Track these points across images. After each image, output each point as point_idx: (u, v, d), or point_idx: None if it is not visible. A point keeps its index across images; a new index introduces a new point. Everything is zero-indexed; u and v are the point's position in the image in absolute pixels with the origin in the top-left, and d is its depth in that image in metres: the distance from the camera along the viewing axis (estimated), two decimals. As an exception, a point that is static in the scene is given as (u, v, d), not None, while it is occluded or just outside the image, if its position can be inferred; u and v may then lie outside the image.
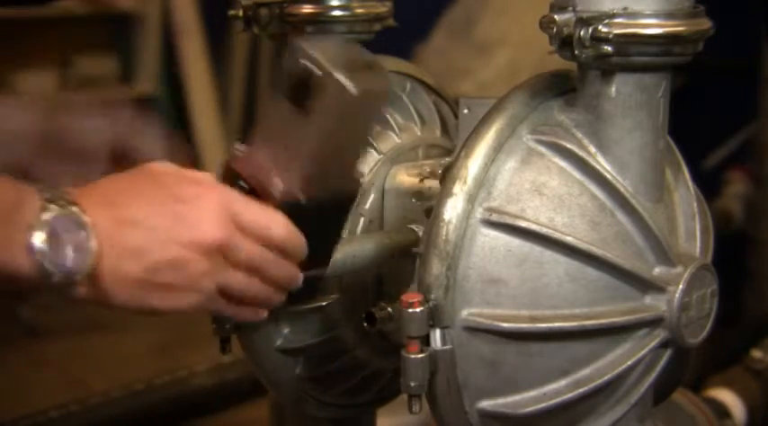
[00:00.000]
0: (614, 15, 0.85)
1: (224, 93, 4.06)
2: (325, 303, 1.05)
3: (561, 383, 0.90)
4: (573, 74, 0.94)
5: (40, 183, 0.79)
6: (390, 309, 1.02)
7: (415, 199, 1.05)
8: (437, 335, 0.88)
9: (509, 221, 0.88)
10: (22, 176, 0.82)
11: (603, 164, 0.90)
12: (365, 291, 1.07)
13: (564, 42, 0.87)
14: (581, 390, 0.89)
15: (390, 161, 1.08)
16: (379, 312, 1.02)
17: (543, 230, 0.88)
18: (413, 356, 0.87)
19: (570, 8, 0.87)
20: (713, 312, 0.94)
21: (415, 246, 0.97)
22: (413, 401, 0.89)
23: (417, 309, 0.87)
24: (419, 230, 1.03)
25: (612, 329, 0.89)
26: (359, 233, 1.05)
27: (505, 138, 0.91)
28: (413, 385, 0.88)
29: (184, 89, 3.86)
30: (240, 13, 1.16)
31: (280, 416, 1.23)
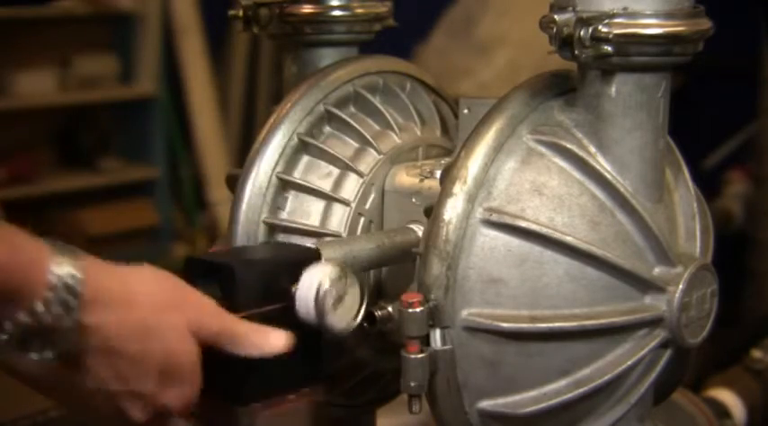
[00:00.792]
0: (614, 15, 0.86)
1: (224, 93, 4.06)
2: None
3: (561, 383, 0.90)
4: (573, 74, 0.94)
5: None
6: (390, 309, 1.01)
7: (415, 199, 1.05)
8: (437, 335, 0.88)
9: (509, 221, 0.88)
10: None
11: (603, 164, 0.90)
12: (365, 291, 1.07)
13: (564, 42, 0.87)
14: (581, 390, 0.89)
15: (390, 161, 1.08)
16: (378, 312, 1.02)
17: (543, 230, 0.88)
18: (413, 356, 0.87)
19: (570, 8, 0.87)
20: (713, 312, 0.94)
21: (415, 246, 0.97)
22: (413, 401, 0.89)
23: (417, 309, 0.87)
24: (419, 230, 1.03)
25: (612, 329, 0.89)
26: (359, 233, 1.05)
27: (505, 138, 0.91)
28: (413, 385, 0.88)
29: (184, 89, 3.86)
30: (240, 13, 1.16)
31: (280, 416, 1.23)
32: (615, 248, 0.89)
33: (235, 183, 1.06)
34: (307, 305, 0.90)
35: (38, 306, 0.79)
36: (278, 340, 0.89)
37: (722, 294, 0.95)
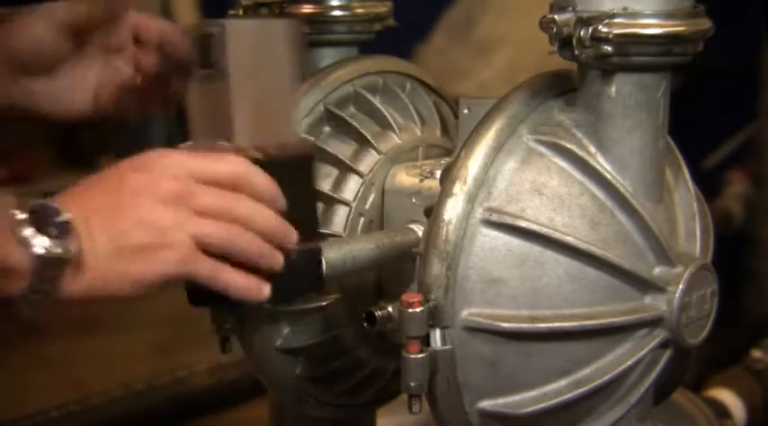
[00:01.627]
0: (614, 15, 0.85)
1: (224, 93, 4.06)
2: (325, 303, 1.05)
3: (561, 383, 0.90)
4: (573, 74, 0.94)
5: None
6: (390, 309, 1.02)
7: (415, 199, 1.05)
8: (437, 335, 0.88)
9: (509, 221, 0.88)
10: None
11: (603, 164, 0.90)
12: (365, 291, 1.07)
13: (564, 42, 0.87)
14: (581, 390, 0.89)
15: (390, 161, 1.08)
16: (378, 312, 1.02)
17: (543, 230, 0.88)
18: (413, 356, 0.87)
19: (570, 8, 0.87)
20: (713, 312, 0.94)
21: (415, 246, 0.97)
22: (413, 401, 0.89)
23: (417, 309, 0.87)
24: (419, 230, 1.03)
25: (612, 329, 0.89)
26: (359, 233, 1.06)
27: (505, 138, 0.91)
28: (413, 385, 0.88)
29: (184, 89, 3.85)
30: (240, 13, 1.16)
31: (280, 416, 1.23)
32: (615, 248, 0.89)
33: (235, 183, 1.06)
34: None
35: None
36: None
37: (722, 294, 0.95)
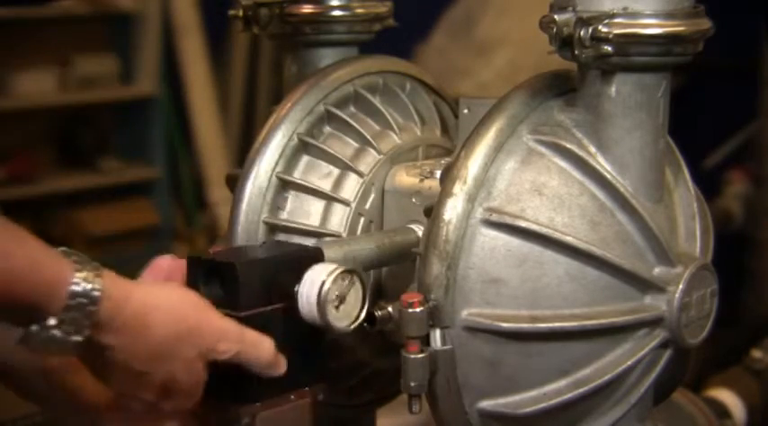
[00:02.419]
0: (614, 15, 0.85)
1: (224, 93, 4.06)
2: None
3: (561, 383, 0.90)
4: (573, 74, 0.94)
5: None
6: (390, 309, 1.01)
7: (415, 199, 1.05)
8: (437, 335, 0.88)
9: (509, 221, 0.88)
10: None
11: (603, 164, 0.90)
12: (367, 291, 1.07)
13: (564, 42, 0.87)
14: (581, 390, 0.89)
15: (390, 161, 1.08)
16: (378, 312, 1.02)
17: (543, 230, 0.88)
18: (413, 356, 0.87)
19: (570, 8, 0.87)
20: (713, 312, 0.94)
21: (415, 246, 0.97)
22: (413, 401, 0.89)
23: (417, 309, 0.87)
24: (419, 230, 1.03)
25: (612, 329, 0.89)
26: (359, 233, 1.05)
27: (505, 138, 0.91)
28: (413, 385, 0.88)
29: (184, 89, 3.86)
30: (240, 13, 1.16)
31: (280, 416, 1.23)
32: (615, 248, 0.89)
33: (235, 183, 1.06)
34: (309, 304, 0.90)
35: (50, 321, 0.79)
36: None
37: (722, 294, 0.95)
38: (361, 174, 1.06)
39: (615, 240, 0.89)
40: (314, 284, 0.90)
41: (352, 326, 0.93)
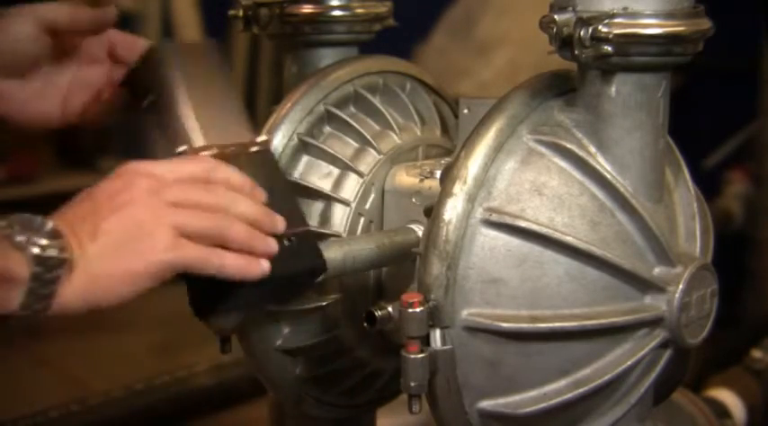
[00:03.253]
0: (614, 15, 0.85)
1: (224, 93, 4.05)
2: (325, 303, 1.05)
3: (561, 383, 0.90)
4: (573, 74, 0.94)
5: None
6: (390, 309, 1.01)
7: (415, 199, 1.05)
8: (437, 335, 0.88)
9: (509, 221, 0.88)
10: None
11: (603, 164, 0.90)
12: (365, 291, 1.07)
13: (564, 42, 0.87)
14: (581, 390, 0.89)
15: (390, 161, 1.08)
16: (378, 312, 1.02)
17: (543, 230, 0.88)
18: (413, 356, 0.87)
19: (570, 8, 0.87)
20: (713, 312, 0.94)
21: (415, 246, 0.97)
22: (413, 401, 0.89)
23: (417, 309, 0.87)
24: (419, 230, 1.03)
25: (612, 329, 0.89)
26: (359, 233, 1.06)
27: (505, 138, 0.91)
28: (413, 385, 0.88)
29: (184, 89, 3.85)
30: (240, 13, 1.16)
31: (280, 416, 1.23)
32: (615, 248, 0.89)
33: (235, 183, 1.06)
34: None
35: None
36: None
37: (722, 294, 0.95)
38: (361, 174, 1.06)
39: (615, 240, 0.89)
40: None
41: None
